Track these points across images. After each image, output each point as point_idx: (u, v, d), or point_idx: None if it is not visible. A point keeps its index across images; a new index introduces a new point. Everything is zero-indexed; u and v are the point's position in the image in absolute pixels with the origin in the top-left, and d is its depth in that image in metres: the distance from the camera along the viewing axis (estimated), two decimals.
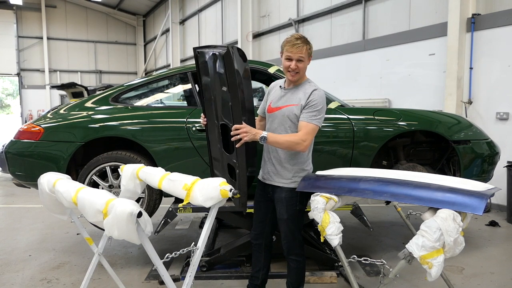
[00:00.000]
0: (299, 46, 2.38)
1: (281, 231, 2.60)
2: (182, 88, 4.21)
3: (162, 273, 1.86)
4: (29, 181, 3.55)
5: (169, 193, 2.22)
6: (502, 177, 5.12)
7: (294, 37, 2.42)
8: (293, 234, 2.57)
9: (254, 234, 2.76)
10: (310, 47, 2.44)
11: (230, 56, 2.36)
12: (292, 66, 2.41)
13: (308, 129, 2.39)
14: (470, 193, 1.96)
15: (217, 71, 2.65)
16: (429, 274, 1.82)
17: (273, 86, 2.71)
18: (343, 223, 2.30)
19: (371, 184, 2.25)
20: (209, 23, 15.36)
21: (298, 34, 2.46)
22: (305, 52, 2.40)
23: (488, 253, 3.97)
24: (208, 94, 2.87)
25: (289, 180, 2.52)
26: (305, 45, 2.40)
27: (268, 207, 2.67)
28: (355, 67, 8.19)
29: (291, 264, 2.63)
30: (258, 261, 2.77)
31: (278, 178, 2.53)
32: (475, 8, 5.88)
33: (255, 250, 2.78)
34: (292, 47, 2.38)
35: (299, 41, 2.39)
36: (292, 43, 2.39)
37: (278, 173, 2.53)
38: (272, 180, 2.56)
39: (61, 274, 3.50)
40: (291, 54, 2.39)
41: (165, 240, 4.45)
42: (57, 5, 22.38)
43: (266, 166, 2.60)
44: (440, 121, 3.66)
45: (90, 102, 3.69)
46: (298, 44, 2.38)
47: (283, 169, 2.51)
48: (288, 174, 2.51)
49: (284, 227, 2.57)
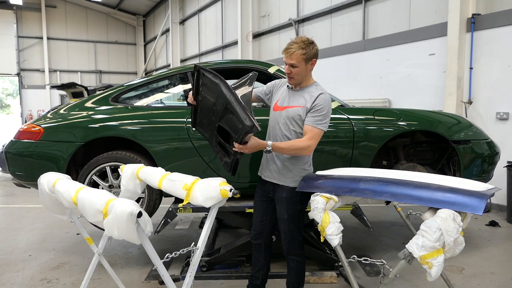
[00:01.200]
0: (290, 52, 2.36)
1: (281, 231, 2.60)
2: (182, 88, 4.21)
3: (162, 273, 1.86)
4: (29, 181, 3.55)
5: (169, 193, 2.22)
6: (502, 177, 5.12)
7: (292, 41, 2.40)
8: (292, 234, 2.57)
9: (254, 234, 2.74)
10: (306, 52, 2.36)
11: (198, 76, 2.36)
12: (286, 70, 2.42)
13: (314, 133, 2.39)
14: (470, 193, 1.96)
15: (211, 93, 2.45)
16: (429, 274, 1.82)
17: (280, 84, 2.68)
18: (343, 223, 2.30)
19: (371, 184, 2.25)
20: (209, 23, 15.36)
21: (298, 38, 2.41)
22: (298, 58, 2.35)
23: (488, 253, 3.97)
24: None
25: (291, 180, 2.52)
26: (299, 50, 2.34)
27: (268, 207, 2.67)
28: (355, 67, 8.19)
29: (291, 264, 2.63)
30: (258, 261, 2.76)
31: (280, 177, 2.53)
32: (475, 8, 5.88)
33: (255, 250, 2.77)
34: (285, 52, 2.39)
35: (293, 46, 2.36)
36: (286, 48, 2.39)
37: (281, 172, 2.53)
38: (274, 178, 2.56)
39: (61, 274, 3.50)
40: (285, 59, 2.40)
41: (165, 240, 4.45)
42: (57, 5, 22.38)
43: (269, 164, 2.58)
44: (440, 121, 3.66)
45: (90, 102, 3.69)
46: (290, 49, 2.36)
47: (286, 169, 2.51)
48: (290, 174, 2.52)
49: (284, 227, 2.57)
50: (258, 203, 2.72)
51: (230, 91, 2.20)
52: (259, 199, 2.71)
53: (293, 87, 2.54)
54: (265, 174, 2.62)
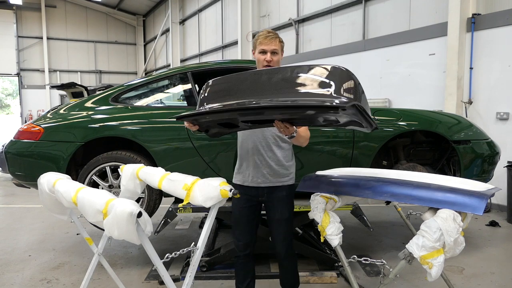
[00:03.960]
0: (272, 38, 2.34)
1: (280, 232, 2.47)
2: (182, 88, 4.21)
3: (162, 273, 1.86)
4: (29, 181, 3.55)
5: (169, 193, 2.21)
6: (502, 177, 5.12)
7: (266, 30, 2.40)
8: (291, 234, 2.52)
9: (242, 244, 2.51)
10: (282, 42, 2.39)
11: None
12: (267, 58, 2.32)
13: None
14: (470, 193, 1.96)
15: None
16: (429, 274, 1.82)
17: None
18: (343, 223, 2.30)
19: (371, 184, 2.25)
20: (209, 23, 15.36)
21: (268, 29, 2.43)
22: (279, 45, 2.36)
23: (488, 253, 3.97)
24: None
25: (288, 178, 2.46)
26: (278, 38, 2.37)
27: (255, 212, 2.51)
28: (355, 67, 8.18)
29: (287, 265, 2.54)
30: (248, 272, 2.57)
31: (276, 178, 2.42)
32: (475, 8, 5.88)
33: (242, 262, 2.55)
34: (266, 39, 2.33)
35: (271, 34, 2.36)
36: (264, 35, 2.35)
37: (276, 173, 2.42)
38: (270, 182, 2.42)
39: (61, 274, 3.50)
40: (265, 46, 2.33)
41: (165, 240, 4.45)
42: (57, 5, 22.38)
43: (259, 170, 2.41)
44: (440, 121, 3.66)
45: (90, 102, 3.69)
46: (271, 35, 2.35)
47: (281, 168, 2.43)
48: (286, 172, 2.45)
49: (284, 227, 2.47)
50: (244, 210, 2.48)
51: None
52: (244, 206, 2.47)
53: None
54: (257, 180, 2.42)
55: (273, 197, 2.45)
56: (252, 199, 2.47)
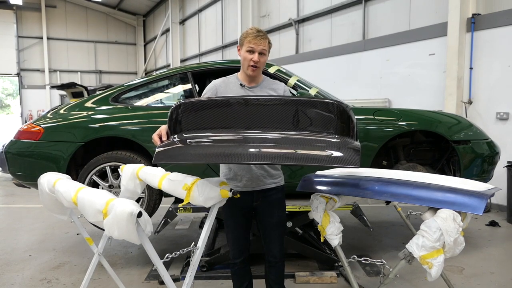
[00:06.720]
0: (262, 38, 2.22)
1: (277, 235, 2.41)
2: (182, 88, 4.21)
3: (162, 273, 1.86)
4: (29, 181, 3.55)
5: (169, 193, 2.21)
6: (502, 177, 5.12)
7: (255, 29, 2.26)
8: (284, 235, 2.50)
9: (237, 251, 2.44)
10: (271, 43, 2.30)
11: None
12: (255, 58, 2.21)
13: None
14: (470, 193, 1.96)
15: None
16: (429, 274, 1.82)
17: (221, 84, 2.35)
18: (343, 223, 2.30)
19: (371, 184, 2.25)
20: (209, 23, 15.36)
21: (255, 27, 2.32)
22: (267, 46, 2.26)
23: (488, 253, 3.97)
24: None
25: (280, 178, 2.42)
26: (267, 39, 2.27)
27: (250, 216, 2.44)
28: (355, 67, 8.18)
29: (279, 266, 2.48)
30: (246, 278, 2.51)
31: (270, 180, 2.36)
32: (475, 8, 5.88)
33: (239, 268, 2.48)
34: (255, 38, 2.21)
35: (261, 33, 2.24)
36: (254, 34, 2.22)
37: (269, 174, 2.36)
38: (265, 184, 2.34)
39: (61, 274, 3.50)
40: (254, 45, 2.21)
41: (165, 240, 4.45)
42: (57, 5, 22.38)
43: (251, 173, 2.30)
44: (440, 121, 3.66)
45: (90, 102, 3.69)
46: (261, 35, 2.23)
47: (273, 168, 2.39)
48: (278, 172, 2.42)
49: (282, 228, 2.44)
50: (239, 216, 2.40)
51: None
52: (238, 211, 2.38)
53: (247, 84, 2.31)
54: (251, 184, 2.32)
55: (269, 200, 2.38)
56: (245, 205, 2.35)
